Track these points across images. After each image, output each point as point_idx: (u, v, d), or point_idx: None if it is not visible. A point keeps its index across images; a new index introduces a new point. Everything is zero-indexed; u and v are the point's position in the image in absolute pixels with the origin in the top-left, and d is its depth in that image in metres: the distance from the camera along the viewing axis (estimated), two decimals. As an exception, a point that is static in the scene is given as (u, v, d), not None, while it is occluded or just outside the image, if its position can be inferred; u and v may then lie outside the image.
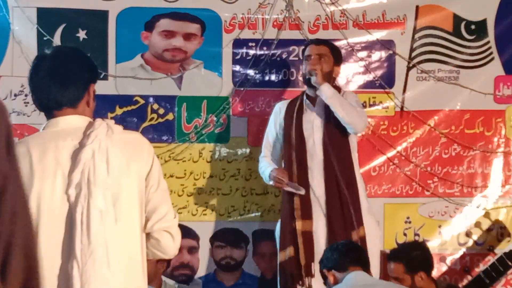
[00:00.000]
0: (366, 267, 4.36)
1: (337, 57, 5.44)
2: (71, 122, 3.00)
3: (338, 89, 5.34)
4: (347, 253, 4.35)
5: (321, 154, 5.26)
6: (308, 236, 5.17)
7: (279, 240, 5.31)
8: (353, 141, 5.36)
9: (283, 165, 5.36)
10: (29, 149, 2.91)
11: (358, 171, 5.39)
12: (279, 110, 5.47)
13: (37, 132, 3.06)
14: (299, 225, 5.18)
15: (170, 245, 3.06)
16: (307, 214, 5.20)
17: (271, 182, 5.30)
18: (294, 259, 5.17)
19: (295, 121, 5.33)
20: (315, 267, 5.09)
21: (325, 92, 5.17)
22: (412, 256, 5.13)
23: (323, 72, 5.24)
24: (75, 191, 2.87)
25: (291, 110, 5.38)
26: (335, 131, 5.26)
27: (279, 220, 5.38)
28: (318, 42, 5.44)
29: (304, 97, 5.40)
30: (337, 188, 5.20)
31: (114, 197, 2.90)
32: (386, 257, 5.28)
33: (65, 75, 3.02)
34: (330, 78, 5.31)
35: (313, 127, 5.31)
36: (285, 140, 5.35)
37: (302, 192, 5.18)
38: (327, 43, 5.46)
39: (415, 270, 5.06)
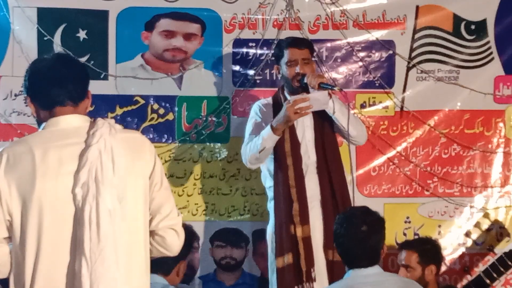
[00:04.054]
0: (374, 261, 4.00)
1: (313, 54, 5.36)
2: (72, 122, 3.00)
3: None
4: (352, 253, 4.00)
5: (314, 156, 5.18)
6: (308, 242, 5.11)
7: (276, 245, 5.17)
8: (338, 137, 5.29)
9: (272, 168, 5.20)
10: (31, 148, 2.92)
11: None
12: (265, 111, 5.26)
13: (38, 131, 3.04)
14: (299, 231, 5.09)
15: (176, 242, 3.12)
16: (305, 219, 5.11)
17: (283, 120, 4.94)
18: (293, 265, 5.09)
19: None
20: (315, 271, 5.09)
21: (335, 106, 5.05)
22: (426, 247, 5.27)
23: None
24: (81, 190, 2.88)
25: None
26: (325, 130, 5.19)
27: (271, 223, 5.24)
28: (300, 45, 5.21)
29: (288, 96, 5.22)
30: (331, 189, 5.13)
31: (120, 196, 2.91)
32: (398, 247, 5.39)
33: (69, 73, 3.03)
34: None
35: (304, 128, 5.20)
36: (277, 145, 5.12)
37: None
38: (307, 45, 5.26)
39: (428, 262, 5.20)
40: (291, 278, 5.09)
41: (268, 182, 5.30)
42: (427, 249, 5.29)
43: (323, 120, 5.17)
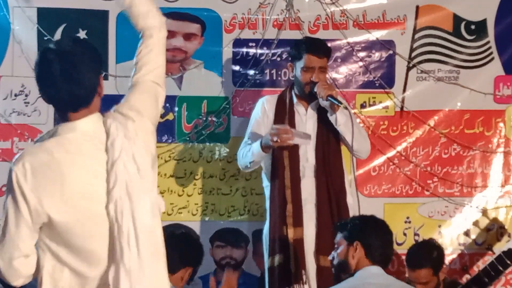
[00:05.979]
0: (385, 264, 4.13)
1: (329, 60, 5.38)
2: (87, 125, 2.97)
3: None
4: (375, 249, 4.07)
5: (313, 160, 5.16)
6: (299, 244, 5.09)
7: (268, 245, 5.18)
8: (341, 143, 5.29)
9: (270, 169, 5.20)
10: (53, 154, 2.88)
11: (344, 168, 5.25)
12: (266, 109, 5.27)
13: (56, 137, 2.94)
14: (291, 232, 5.08)
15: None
16: (298, 221, 5.10)
17: (270, 142, 4.94)
18: (283, 266, 5.08)
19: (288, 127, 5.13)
20: (306, 274, 5.07)
21: (339, 119, 5.04)
22: (435, 258, 5.31)
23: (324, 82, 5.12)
24: (114, 206, 2.88)
25: (281, 114, 5.22)
26: (328, 135, 5.16)
27: (267, 223, 5.24)
28: (320, 53, 5.15)
29: (294, 98, 5.25)
30: (328, 194, 5.11)
31: (151, 201, 2.95)
32: (409, 268, 5.34)
33: (78, 77, 2.94)
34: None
35: (305, 131, 5.15)
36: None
37: (309, 140, 5.02)
38: (326, 53, 5.21)
39: (439, 270, 5.31)
40: (281, 279, 5.09)
41: (265, 181, 5.30)
42: (437, 259, 5.32)
43: (327, 126, 5.14)
